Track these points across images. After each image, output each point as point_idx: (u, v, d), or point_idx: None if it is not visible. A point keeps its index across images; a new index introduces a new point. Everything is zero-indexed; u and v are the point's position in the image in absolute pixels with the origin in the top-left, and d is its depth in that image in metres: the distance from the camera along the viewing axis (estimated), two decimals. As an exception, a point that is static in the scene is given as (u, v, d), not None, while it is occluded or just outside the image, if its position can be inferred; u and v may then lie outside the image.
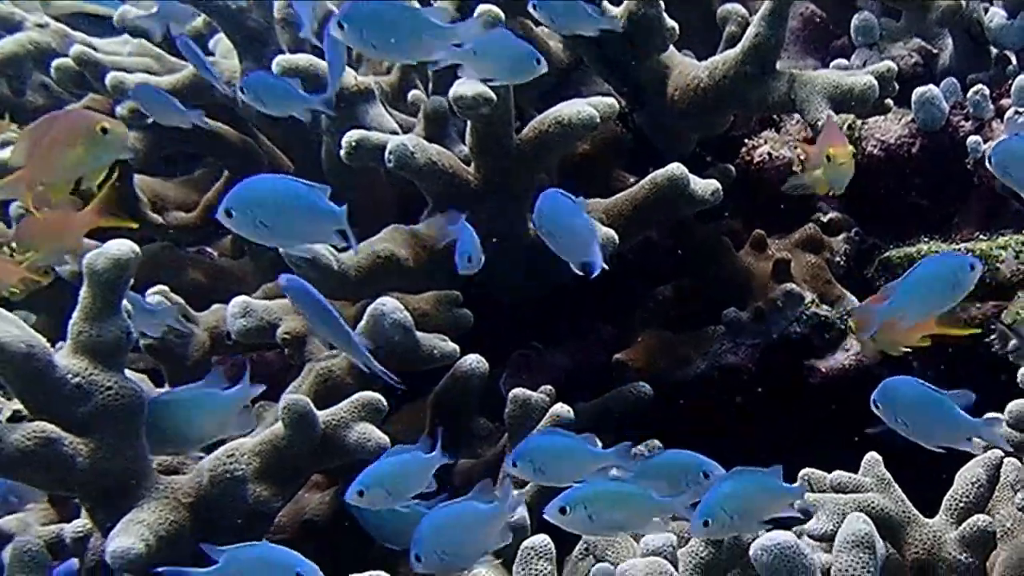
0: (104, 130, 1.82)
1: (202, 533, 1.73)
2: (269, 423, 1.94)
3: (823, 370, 2.26)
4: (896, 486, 1.70)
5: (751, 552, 1.38)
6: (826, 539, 1.61)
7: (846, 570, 1.41)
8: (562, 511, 1.53)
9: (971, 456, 1.68)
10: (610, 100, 2.12)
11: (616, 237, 2.03)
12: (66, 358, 1.68)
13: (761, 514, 1.52)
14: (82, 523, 1.80)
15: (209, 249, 2.58)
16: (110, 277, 1.69)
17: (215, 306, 2.24)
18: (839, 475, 1.72)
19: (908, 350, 1.97)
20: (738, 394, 2.28)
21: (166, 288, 2.12)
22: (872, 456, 1.73)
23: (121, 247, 1.69)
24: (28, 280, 2.18)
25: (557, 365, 2.33)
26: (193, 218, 2.54)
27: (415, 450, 1.66)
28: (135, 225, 2.18)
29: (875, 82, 2.15)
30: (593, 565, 1.71)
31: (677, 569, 1.52)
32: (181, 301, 2.15)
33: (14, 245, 2.15)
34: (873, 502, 1.66)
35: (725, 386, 2.28)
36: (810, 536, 1.62)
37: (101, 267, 1.69)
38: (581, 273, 1.80)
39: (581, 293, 2.27)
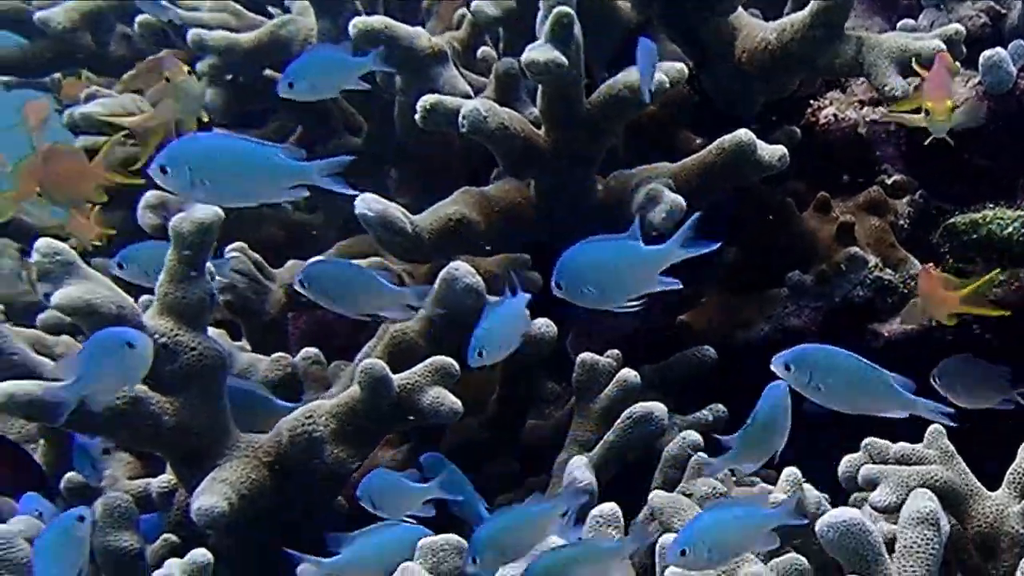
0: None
1: (281, 492, 1.78)
2: (344, 383, 1.98)
3: (885, 334, 2.25)
4: (959, 459, 1.70)
5: (817, 528, 1.40)
6: (889, 511, 1.62)
7: (911, 546, 1.42)
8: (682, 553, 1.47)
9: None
10: (679, 65, 2.12)
11: (683, 203, 2.04)
12: (152, 319, 1.73)
13: (740, 546, 1.49)
14: (167, 478, 1.85)
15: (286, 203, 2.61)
16: (195, 240, 1.74)
17: (291, 262, 2.27)
18: (902, 447, 1.73)
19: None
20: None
21: (244, 245, 2.16)
22: (936, 428, 1.73)
23: (206, 211, 1.74)
24: (103, 235, 2.24)
25: (621, 326, 2.34)
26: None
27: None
28: (141, 181, 2.26)
29: (943, 46, 2.13)
30: (659, 531, 1.74)
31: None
32: (258, 258, 2.19)
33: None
34: (936, 475, 1.66)
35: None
36: (873, 507, 1.64)
37: (186, 230, 1.73)
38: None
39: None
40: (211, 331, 1.82)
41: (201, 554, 1.59)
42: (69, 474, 1.82)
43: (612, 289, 1.75)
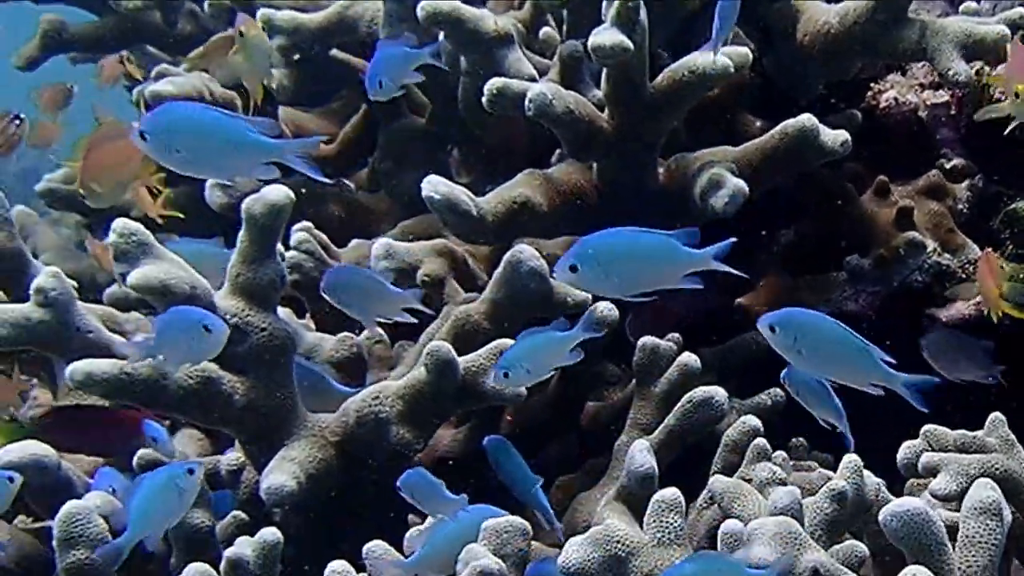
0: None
1: (347, 472, 1.81)
2: (409, 364, 2.00)
3: (943, 319, 2.25)
4: (1020, 447, 1.70)
5: (880, 517, 1.41)
6: (950, 499, 1.63)
7: (973, 536, 1.42)
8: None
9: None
10: (743, 50, 2.12)
11: (746, 188, 2.04)
12: (224, 300, 1.76)
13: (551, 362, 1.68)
14: (236, 456, 1.88)
15: (347, 182, 2.63)
16: (267, 221, 1.76)
17: (355, 242, 2.30)
18: (963, 434, 1.73)
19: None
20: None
21: (310, 224, 2.18)
22: (996, 416, 1.74)
23: (278, 193, 1.76)
24: (165, 215, 2.28)
25: (678, 308, 2.35)
26: (332, 150, 2.59)
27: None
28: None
29: (1007, 31, 2.12)
30: (716, 515, 1.76)
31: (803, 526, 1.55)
32: (324, 237, 2.21)
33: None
34: (997, 463, 1.65)
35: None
36: (933, 495, 1.64)
37: (259, 212, 1.76)
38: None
39: (703, 236, 2.29)
40: (280, 311, 1.85)
41: (271, 533, 1.61)
42: (142, 451, 1.85)
43: (633, 281, 1.72)
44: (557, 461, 2.06)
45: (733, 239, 1.70)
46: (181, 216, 2.40)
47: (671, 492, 1.60)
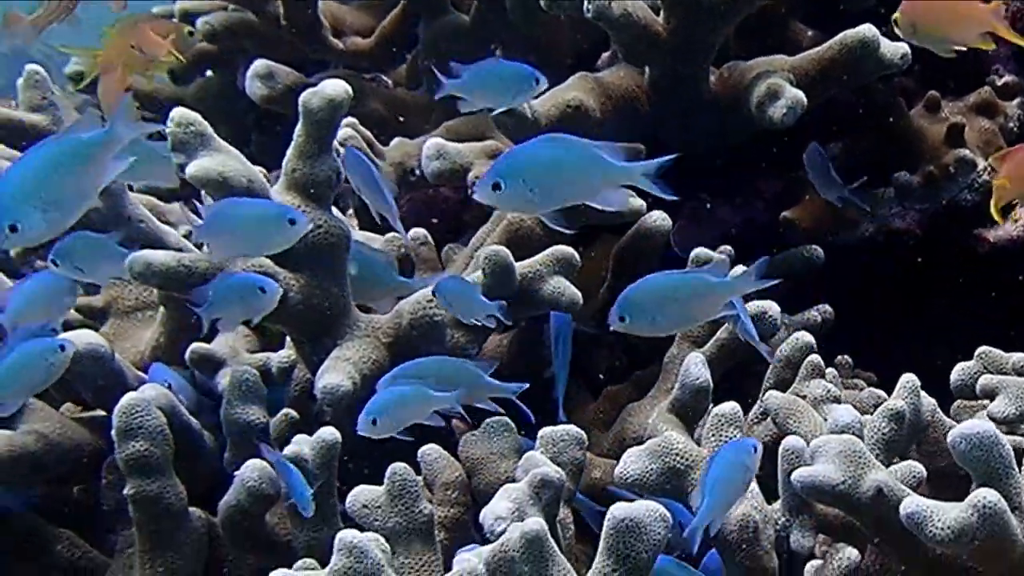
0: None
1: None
2: (459, 266, 2.00)
3: (991, 239, 2.25)
4: (1079, 372, 1.73)
5: (949, 439, 1.40)
6: (1008, 422, 1.64)
7: None
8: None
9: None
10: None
11: (804, 99, 2.03)
12: (280, 194, 1.76)
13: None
14: (287, 354, 1.89)
15: (384, 77, 2.61)
16: (324, 116, 1.75)
17: (397, 140, 2.29)
18: (1022, 357, 1.74)
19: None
20: (904, 260, 2.29)
21: (355, 120, 2.17)
22: (1054, 340, 1.76)
23: (336, 87, 1.75)
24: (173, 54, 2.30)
25: (725, 219, 2.35)
26: (369, 44, 2.56)
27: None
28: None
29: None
30: (767, 431, 1.77)
31: (864, 443, 1.56)
32: (368, 134, 2.20)
33: None
34: (1057, 388, 1.67)
35: (891, 251, 2.30)
36: (991, 418, 1.65)
37: (316, 106, 1.75)
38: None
39: (750, 148, 2.29)
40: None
41: (329, 432, 1.63)
42: (194, 344, 1.86)
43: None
44: (604, 370, 2.07)
45: (670, 157, 1.67)
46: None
47: (730, 406, 1.61)
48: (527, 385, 1.77)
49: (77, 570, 1.78)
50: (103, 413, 1.82)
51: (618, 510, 1.32)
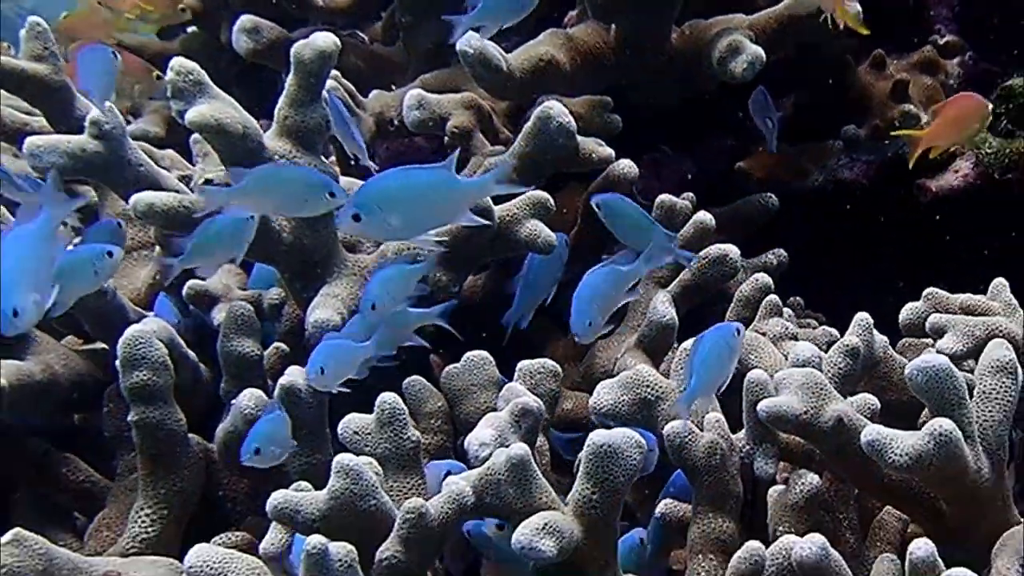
0: None
1: (384, 311, 1.82)
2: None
3: (933, 189, 2.27)
4: (1021, 311, 1.75)
5: (906, 372, 1.42)
6: (956, 359, 1.65)
7: (989, 393, 1.44)
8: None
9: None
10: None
11: (763, 55, 2.04)
12: (272, 140, 1.76)
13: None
14: (277, 291, 1.89)
15: (360, 33, 2.60)
16: (315, 67, 1.76)
17: (375, 92, 2.28)
18: (968, 298, 1.76)
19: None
20: (852, 209, 2.32)
21: (338, 73, 2.16)
22: (1000, 281, 1.77)
23: (326, 39, 1.76)
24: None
25: (683, 169, 2.37)
26: (347, 1, 2.55)
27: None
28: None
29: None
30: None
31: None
32: (351, 86, 2.20)
33: None
34: (1002, 326, 1.69)
35: (840, 200, 2.33)
36: (940, 354, 1.67)
37: (307, 57, 1.75)
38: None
39: (706, 102, 2.31)
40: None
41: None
42: (191, 281, 1.86)
43: (417, 221, 1.63)
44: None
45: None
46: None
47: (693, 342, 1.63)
48: (454, 303, 1.79)
49: (80, 492, 1.78)
50: (103, 346, 1.82)
51: (597, 436, 1.35)
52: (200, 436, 1.72)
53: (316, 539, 1.24)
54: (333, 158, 2.15)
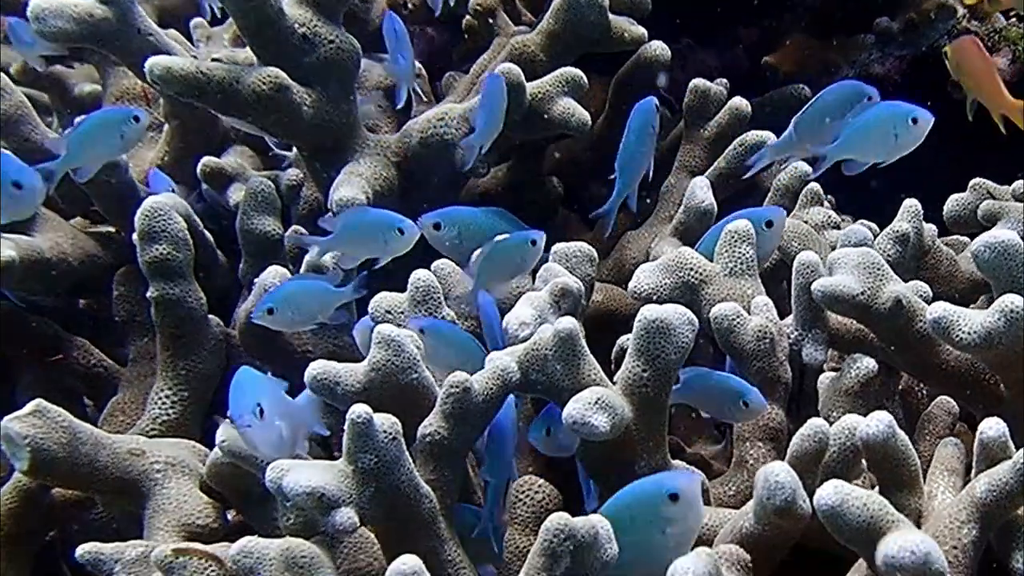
0: None
1: (405, 191, 1.77)
2: (461, 92, 1.95)
3: (969, 85, 2.23)
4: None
5: (973, 248, 1.38)
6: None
7: None
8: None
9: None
10: None
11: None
12: (292, 8, 1.70)
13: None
14: (295, 172, 1.84)
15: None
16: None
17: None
18: (1020, 184, 1.74)
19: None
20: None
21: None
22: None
23: None
24: None
25: (707, 63, 2.33)
26: None
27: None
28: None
29: None
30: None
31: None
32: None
33: None
34: (1053, 212, 1.67)
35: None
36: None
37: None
38: None
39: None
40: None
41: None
42: (206, 158, 1.81)
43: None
44: (598, 199, 2.04)
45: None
46: None
47: (743, 223, 1.59)
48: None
49: (91, 376, 1.75)
50: (111, 228, 1.77)
51: (648, 311, 1.30)
52: (217, 320, 1.68)
53: (361, 408, 1.19)
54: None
